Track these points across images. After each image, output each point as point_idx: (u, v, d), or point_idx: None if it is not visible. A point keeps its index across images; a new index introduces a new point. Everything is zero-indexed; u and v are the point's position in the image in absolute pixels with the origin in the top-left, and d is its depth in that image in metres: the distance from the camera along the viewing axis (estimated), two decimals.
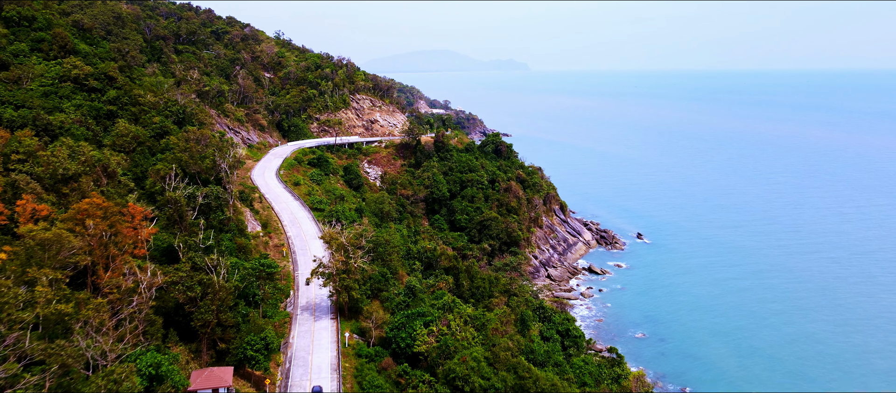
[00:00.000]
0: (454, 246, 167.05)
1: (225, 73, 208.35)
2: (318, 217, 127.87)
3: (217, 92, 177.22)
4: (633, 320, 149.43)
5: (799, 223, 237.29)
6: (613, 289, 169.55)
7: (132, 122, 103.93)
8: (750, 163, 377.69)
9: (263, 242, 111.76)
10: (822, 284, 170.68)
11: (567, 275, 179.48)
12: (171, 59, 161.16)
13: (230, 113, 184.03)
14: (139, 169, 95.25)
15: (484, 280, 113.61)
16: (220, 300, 62.47)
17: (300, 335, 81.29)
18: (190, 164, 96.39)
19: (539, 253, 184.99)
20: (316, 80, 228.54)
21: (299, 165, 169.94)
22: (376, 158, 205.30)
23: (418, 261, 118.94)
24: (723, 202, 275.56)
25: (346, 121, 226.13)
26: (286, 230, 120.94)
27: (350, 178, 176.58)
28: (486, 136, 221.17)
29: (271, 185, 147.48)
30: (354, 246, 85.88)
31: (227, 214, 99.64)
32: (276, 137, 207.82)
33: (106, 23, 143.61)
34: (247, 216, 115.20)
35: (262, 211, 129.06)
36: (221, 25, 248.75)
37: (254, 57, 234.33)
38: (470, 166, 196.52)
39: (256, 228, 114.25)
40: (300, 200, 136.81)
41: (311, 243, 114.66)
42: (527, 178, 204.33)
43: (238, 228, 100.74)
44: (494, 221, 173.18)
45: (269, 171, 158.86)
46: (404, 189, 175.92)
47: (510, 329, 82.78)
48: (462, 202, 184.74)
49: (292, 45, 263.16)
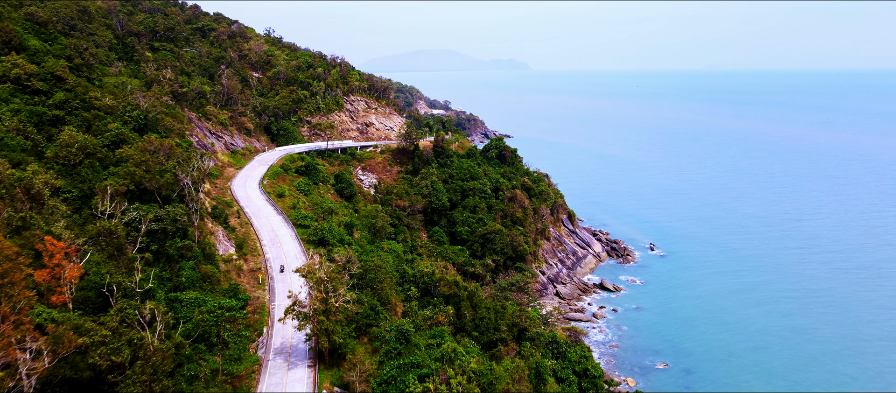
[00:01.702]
0: (454, 262, 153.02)
1: (209, 73, 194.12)
2: (303, 235, 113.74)
3: (197, 93, 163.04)
4: (653, 346, 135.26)
5: (818, 232, 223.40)
6: (628, 309, 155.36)
7: (83, 130, 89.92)
8: (759, 166, 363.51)
9: (237, 266, 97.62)
10: (855, 300, 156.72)
11: (577, 292, 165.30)
12: (145, 57, 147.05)
13: (212, 116, 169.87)
14: (86, 186, 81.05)
15: (489, 310, 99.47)
16: (154, 366, 48.33)
17: (269, 389, 67.29)
18: (146, 180, 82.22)
19: (547, 268, 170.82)
20: (307, 80, 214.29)
21: (286, 174, 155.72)
22: (371, 165, 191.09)
23: (414, 286, 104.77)
24: (734, 208, 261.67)
25: (340, 124, 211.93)
26: (265, 251, 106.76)
27: (342, 188, 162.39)
28: (489, 141, 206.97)
29: (253, 197, 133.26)
30: (337, 280, 71.72)
31: (191, 239, 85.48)
32: (263, 142, 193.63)
33: (68, 17, 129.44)
34: (219, 236, 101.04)
35: (240, 228, 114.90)
36: (208, 22, 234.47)
37: (241, 56, 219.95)
38: (472, 173, 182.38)
39: (229, 250, 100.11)
40: (283, 214, 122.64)
41: (292, 267, 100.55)
42: (533, 186, 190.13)
43: (204, 253, 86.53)
44: (499, 235, 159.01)
45: (251, 181, 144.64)
46: (400, 199, 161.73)
47: (524, 388, 68.66)
48: (463, 213, 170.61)
49: (283, 43, 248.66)
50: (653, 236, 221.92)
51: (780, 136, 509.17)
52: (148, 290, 59.35)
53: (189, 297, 73.73)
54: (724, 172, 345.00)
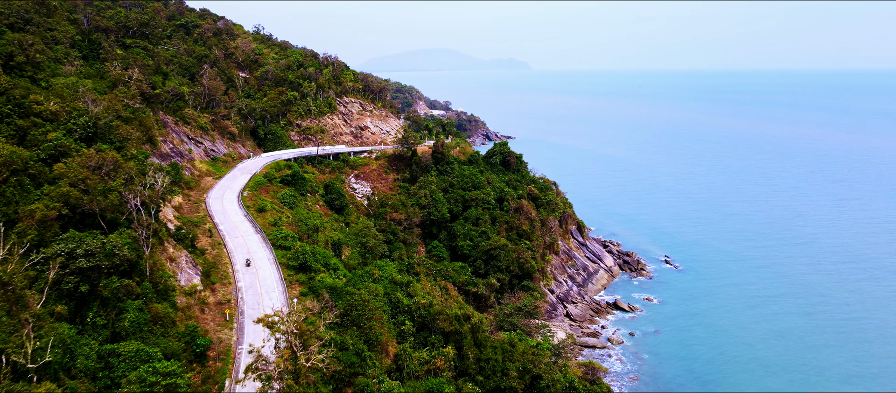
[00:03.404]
0: (455, 281, 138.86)
1: (190, 73, 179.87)
2: (283, 258, 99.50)
3: (174, 95, 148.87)
4: (677, 379, 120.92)
5: (842, 241, 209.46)
6: (647, 333, 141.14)
7: (15, 141, 75.93)
8: (770, 169, 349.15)
9: (201, 299, 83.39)
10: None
11: (589, 313, 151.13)
12: (113, 55, 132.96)
13: (191, 120, 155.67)
14: (10, 209, 66.92)
15: (496, 350, 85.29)
16: None
17: None
18: (84, 202, 68.09)
19: (556, 286, 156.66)
20: (297, 80, 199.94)
21: (270, 184, 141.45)
22: (365, 172, 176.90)
23: (410, 320, 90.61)
24: (749, 214, 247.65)
25: (332, 128, 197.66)
26: (237, 278, 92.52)
27: (332, 199, 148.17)
28: (493, 146, 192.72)
29: (230, 212, 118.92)
30: (310, 334, 57.56)
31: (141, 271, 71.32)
32: (249, 147, 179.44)
33: (22, 10, 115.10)
34: (182, 263, 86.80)
35: (211, 249, 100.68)
36: (193, 18, 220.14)
37: (227, 54, 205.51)
38: (474, 182, 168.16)
39: (194, 280, 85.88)
40: (262, 233, 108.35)
41: (267, 299, 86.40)
42: (540, 196, 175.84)
43: (156, 289, 72.38)
44: (504, 250, 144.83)
45: (230, 193, 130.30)
46: (396, 212, 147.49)
47: None
48: (465, 225, 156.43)
49: (272, 41, 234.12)
50: (666, 247, 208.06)
51: (790, 137, 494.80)
52: (44, 362, 44.75)
53: (129, 349, 59.60)
54: (735, 176, 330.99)
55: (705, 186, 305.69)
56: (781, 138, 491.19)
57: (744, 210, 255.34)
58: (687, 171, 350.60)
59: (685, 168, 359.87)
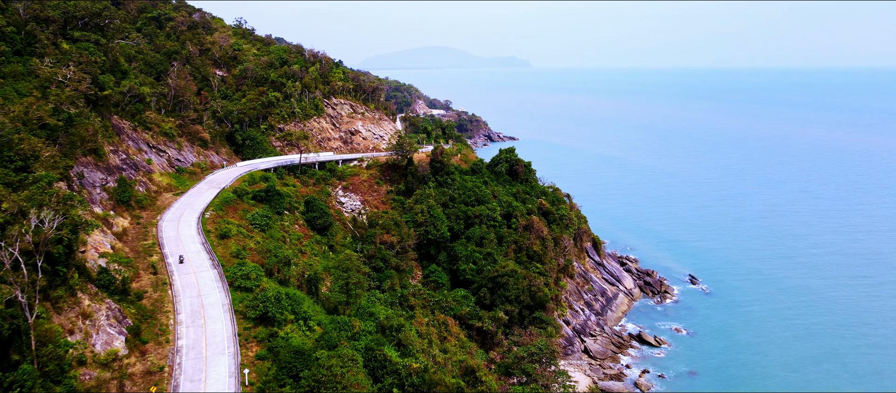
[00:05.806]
0: (456, 314, 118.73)
1: (158, 71, 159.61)
2: (240, 304, 79.31)
3: (131, 96, 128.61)
4: None
5: (881, 254, 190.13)
6: (680, 373, 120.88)
7: None
8: (790, 173, 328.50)
9: (121, 370, 63.25)
10: None
11: (611, 348, 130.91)
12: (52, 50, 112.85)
13: (154, 125, 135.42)
14: None
15: None
16: None
17: None
18: None
19: (572, 315, 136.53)
20: (280, 79, 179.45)
21: (240, 201, 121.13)
22: (355, 183, 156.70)
23: (398, 388, 70.44)
24: (774, 225, 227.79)
25: (319, 132, 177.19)
26: (177, 334, 72.35)
27: (313, 217, 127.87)
28: (499, 152, 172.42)
29: (185, 239, 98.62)
30: None
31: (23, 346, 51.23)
32: (224, 155, 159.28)
33: None
34: (100, 320, 66.56)
35: (151, 292, 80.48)
36: (168, 11, 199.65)
37: (203, 50, 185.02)
38: (477, 195, 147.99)
39: (115, 343, 65.69)
40: (219, 268, 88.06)
41: (213, 368, 66.24)
42: (552, 210, 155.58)
43: (44, 372, 52.24)
44: (513, 278, 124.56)
45: (190, 214, 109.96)
46: (387, 234, 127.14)
47: None
48: (468, 246, 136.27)
49: (254, 36, 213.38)
50: (687, 261, 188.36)
51: (805, 138, 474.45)
52: None
53: None
54: (752, 180, 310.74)
55: (721, 192, 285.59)
56: (797, 140, 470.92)
57: (767, 219, 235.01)
58: (698, 173, 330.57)
59: (695, 170, 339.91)
